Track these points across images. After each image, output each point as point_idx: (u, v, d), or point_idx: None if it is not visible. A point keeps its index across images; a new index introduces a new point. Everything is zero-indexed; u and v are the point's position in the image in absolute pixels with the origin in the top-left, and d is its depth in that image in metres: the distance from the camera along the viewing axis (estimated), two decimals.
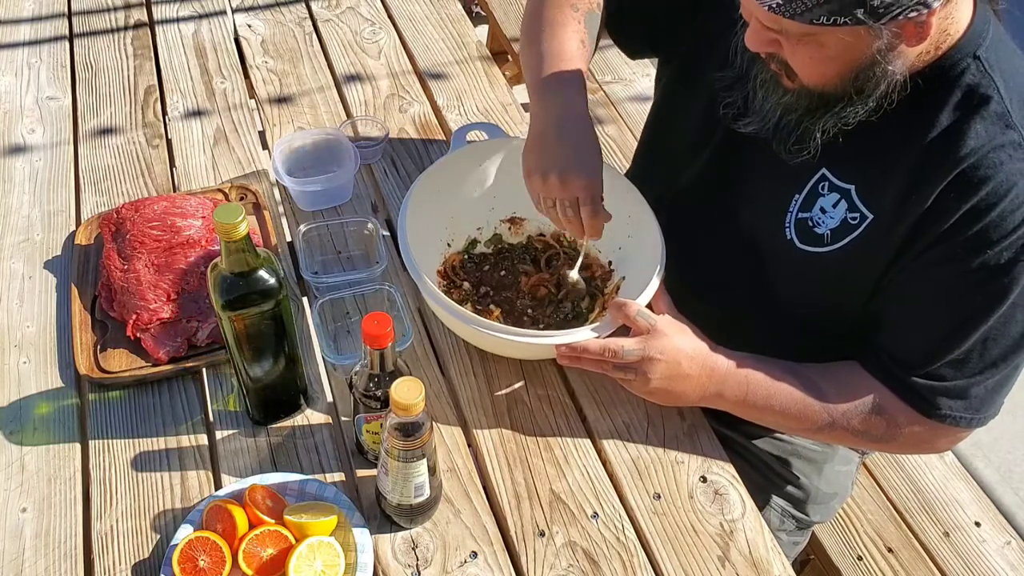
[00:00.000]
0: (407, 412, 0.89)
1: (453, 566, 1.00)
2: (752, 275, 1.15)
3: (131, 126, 1.52)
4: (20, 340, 1.19)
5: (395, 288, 1.22)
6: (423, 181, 1.20)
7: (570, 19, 1.21)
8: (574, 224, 1.10)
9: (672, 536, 1.03)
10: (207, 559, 0.94)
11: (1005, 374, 1.01)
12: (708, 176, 1.17)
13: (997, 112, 0.93)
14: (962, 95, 0.94)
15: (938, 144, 0.94)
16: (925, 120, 0.95)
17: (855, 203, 1.02)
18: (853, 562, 1.40)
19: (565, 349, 1.03)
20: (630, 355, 1.01)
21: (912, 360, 1.02)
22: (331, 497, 1.02)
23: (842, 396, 1.05)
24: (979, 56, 0.93)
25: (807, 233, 1.06)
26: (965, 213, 0.93)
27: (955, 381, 1.01)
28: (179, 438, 1.10)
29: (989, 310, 0.96)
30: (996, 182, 0.91)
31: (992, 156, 0.92)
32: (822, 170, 1.04)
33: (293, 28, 1.75)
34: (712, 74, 1.10)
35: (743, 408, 1.07)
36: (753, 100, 1.03)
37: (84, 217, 1.36)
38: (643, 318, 1.03)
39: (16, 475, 1.06)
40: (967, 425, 1.03)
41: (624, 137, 1.96)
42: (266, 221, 1.33)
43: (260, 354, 1.03)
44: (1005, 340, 0.98)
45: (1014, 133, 0.92)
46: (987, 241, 0.93)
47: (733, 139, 1.11)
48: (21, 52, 1.67)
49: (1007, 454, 2.16)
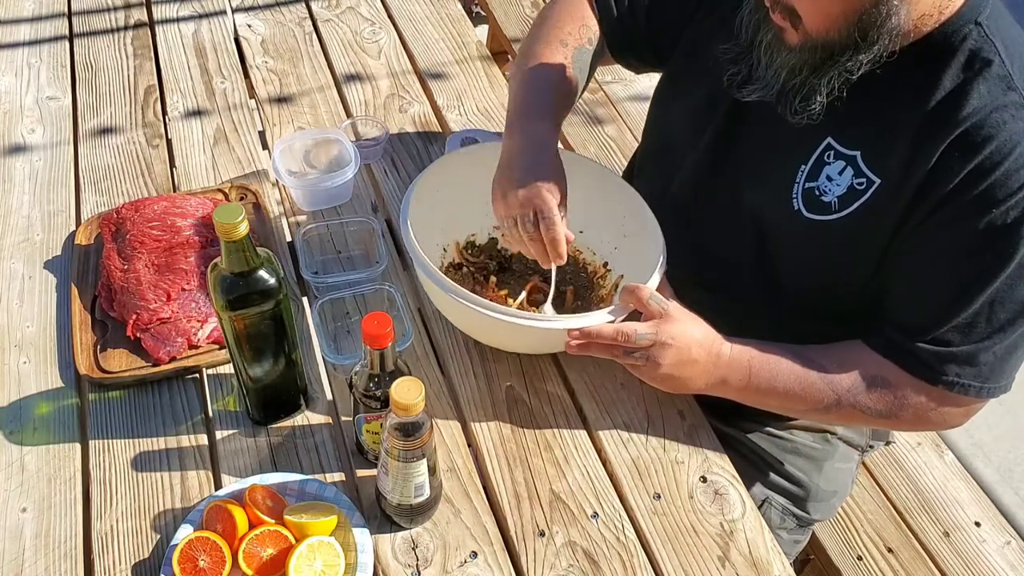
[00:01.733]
0: (407, 412, 0.89)
1: (453, 566, 1.00)
2: (756, 256, 1.15)
3: (131, 126, 1.52)
4: (20, 340, 1.19)
5: (395, 288, 1.22)
6: (421, 183, 1.20)
7: (556, 54, 1.24)
8: (536, 243, 1.09)
9: (672, 536, 1.03)
10: (207, 559, 0.94)
11: (1014, 340, 1.00)
12: (710, 159, 1.18)
13: (999, 74, 0.94)
14: (965, 59, 0.95)
15: (941, 106, 0.96)
16: (928, 83, 0.97)
17: (861, 169, 1.02)
18: (853, 562, 1.40)
19: (577, 334, 1.03)
20: (643, 339, 1.01)
21: (918, 326, 1.01)
22: (331, 497, 1.02)
23: (847, 372, 1.04)
24: (980, 22, 0.95)
25: (814, 202, 1.06)
26: (969, 173, 0.94)
27: (962, 347, 1.00)
28: (179, 438, 1.10)
29: (995, 271, 0.96)
30: (999, 141, 0.92)
31: (995, 116, 0.93)
32: (827, 139, 1.04)
33: (293, 28, 1.75)
34: (714, 59, 1.11)
35: (747, 393, 1.07)
36: (757, 68, 1.04)
37: (84, 217, 1.36)
38: (656, 302, 1.03)
39: (16, 475, 1.06)
40: (976, 394, 1.02)
41: (624, 137, 1.96)
42: (266, 221, 1.33)
43: (260, 354, 1.03)
44: (1012, 303, 0.97)
45: (1015, 95, 0.93)
46: (992, 200, 0.93)
47: (735, 118, 1.12)
48: (21, 52, 1.67)
49: (1007, 454, 2.17)
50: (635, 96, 2.07)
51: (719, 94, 1.12)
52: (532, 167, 1.09)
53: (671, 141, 1.26)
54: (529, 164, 1.10)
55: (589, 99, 1.99)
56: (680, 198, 1.22)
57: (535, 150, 1.12)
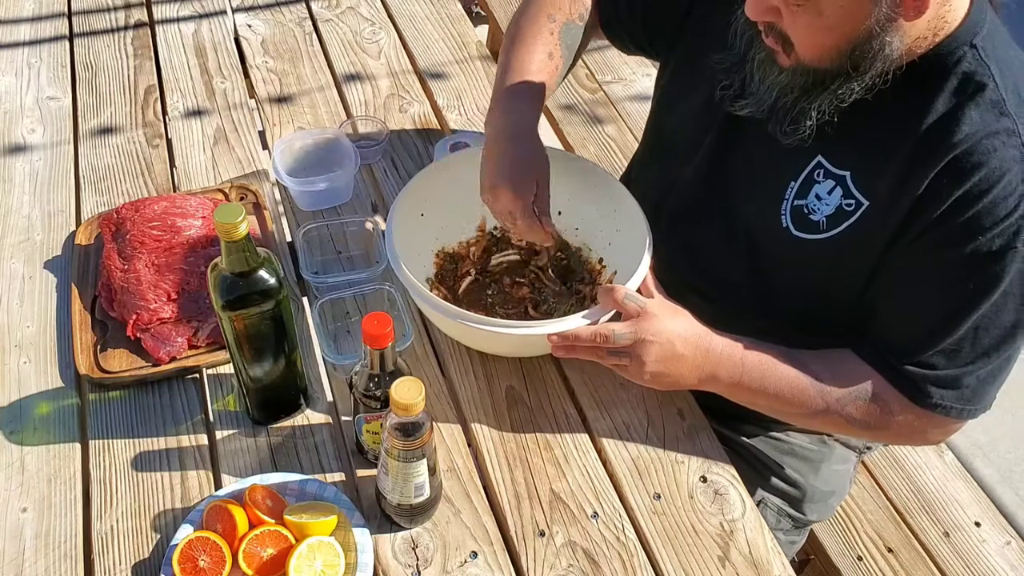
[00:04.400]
0: (407, 412, 0.89)
1: (453, 566, 1.00)
2: (749, 268, 1.15)
3: (131, 126, 1.52)
4: (20, 340, 1.19)
5: (395, 288, 1.22)
6: (409, 189, 1.19)
7: (543, 31, 1.24)
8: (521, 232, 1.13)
9: (672, 536, 1.03)
10: (207, 559, 0.94)
11: (997, 365, 1.01)
12: (706, 169, 1.18)
13: (992, 100, 0.93)
14: (958, 82, 0.95)
15: (933, 130, 0.95)
16: (921, 107, 0.96)
17: (850, 190, 1.02)
18: (853, 562, 1.40)
19: (557, 338, 1.02)
20: (622, 339, 1.00)
21: (904, 348, 1.02)
22: (331, 497, 1.02)
23: (837, 381, 1.04)
24: (975, 45, 0.94)
25: (802, 220, 1.06)
26: (958, 199, 0.93)
27: (947, 370, 1.00)
28: (179, 438, 1.10)
29: (981, 297, 0.96)
30: (989, 168, 0.92)
31: (986, 142, 0.92)
32: (817, 157, 1.04)
33: (293, 28, 1.75)
34: (710, 68, 1.11)
35: (737, 391, 1.06)
36: (750, 83, 1.04)
37: (84, 217, 1.36)
38: (632, 301, 1.02)
39: (16, 475, 1.06)
40: (958, 416, 1.02)
41: (624, 137, 1.96)
42: (266, 221, 1.33)
43: (260, 354, 1.03)
44: (997, 329, 0.98)
45: (1008, 120, 0.93)
46: (979, 227, 0.93)
47: (730, 131, 1.12)
48: (21, 52, 1.67)
49: (1007, 454, 2.16)
50: (635, 96, 2.07)
51: (715, 102, 1.11)
52: (507, 161, 1.12)
53: (671, 144, 1.26)
54: (507, 153, 1.13)
55: (589, 99, 1.99)
56: (678, 204, 1.22)
57: (512, 140, 1.14)
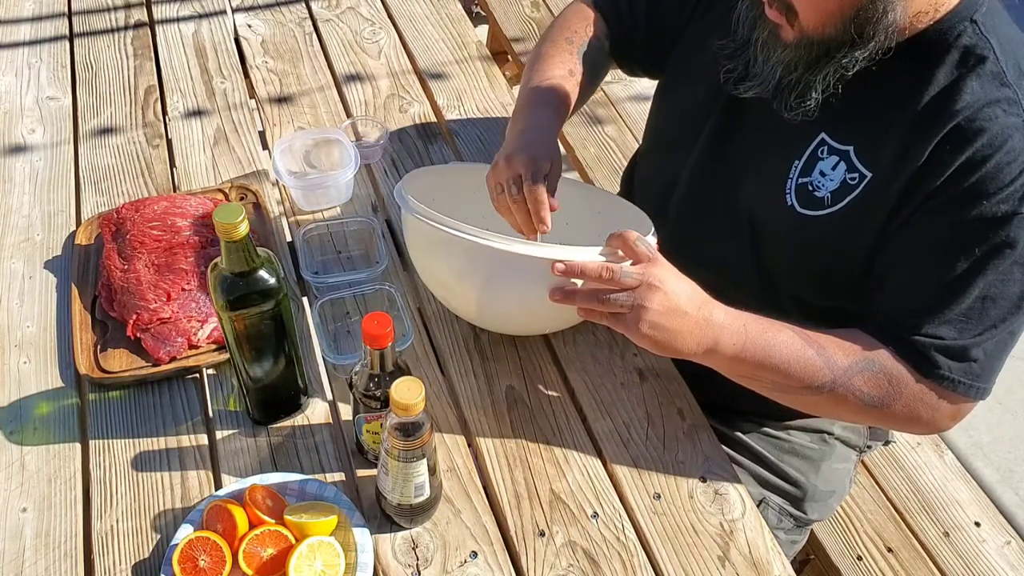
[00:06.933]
0: (407, 412, 0.89)
1: (453, 566, 1.00)
2: (753, 255, 1.15)
3: (131, 126, 1.52)
4: (20, 340, 1.19)
5: (395, 288, 1.22)
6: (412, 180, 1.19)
7: (561, 51, 1.29)
8: (520, 208, 1.08)
9: (672, 536, 1.04)
10: (207, 559, 0.94)
11: (1002, 338, 1.00)
12: (708, 156, 1.18)
13: (992, 71, 0.95)
14: (959, 55, 0.96)
15: (935, 101, 0.97)
16: (922, 79, 0.97)
17: (854, 163, 1.03)
18: (853, 562, 1.40)
19: (562, 266, 0.98)
20: (627, 277, 0.96)
21: (911, 318, 1.01)
22: (331, 497, 1.02)
23: (844, 352, 1.01)
24: (975, 20, 0.96)
25: (807, 197, 1.06)
26: (960, 165, 0.94)
27: (955, 340, 0.99)
28: (179, 438, 1.10)
29: (986, 264, 0.95)
30: (991, 135, 0.93)
31: (987, 110, 0.94)
32: (821, 134, 1.05)
33: (293, 28, 1.75)
34: (711, 56, 1.12)
35: (739, 364, 1.02)
36: (754, 64, 1.05)
37: (84, 217, 1.36)
38: (643, 245, 0.98)
39: (16, 475, 1.06)
40: (965, 392, 1.00)
41: (624, 137, 1.96)
42: (266, 221, 1.33)
43: (260, 354, 1.03)
44: (1004, 300, 0.97)
45: (1008, 91, 0.94)
46: (983, 193, 0.94)
47: (732, 115, 1.13)
48: (21, 52, 1.67)
49: (1007, 454, 2.17)
50: (635, 96, 2.07)
51: (716, 91, 1.13)
52: (525, 140, 1.13)
53: (671, 140, 1.27)
54: (523, 138, 1.13)
55: (589, 99, 2.00)
56: (681, 195, 1.22)
57: (533, 132, 1.15)
